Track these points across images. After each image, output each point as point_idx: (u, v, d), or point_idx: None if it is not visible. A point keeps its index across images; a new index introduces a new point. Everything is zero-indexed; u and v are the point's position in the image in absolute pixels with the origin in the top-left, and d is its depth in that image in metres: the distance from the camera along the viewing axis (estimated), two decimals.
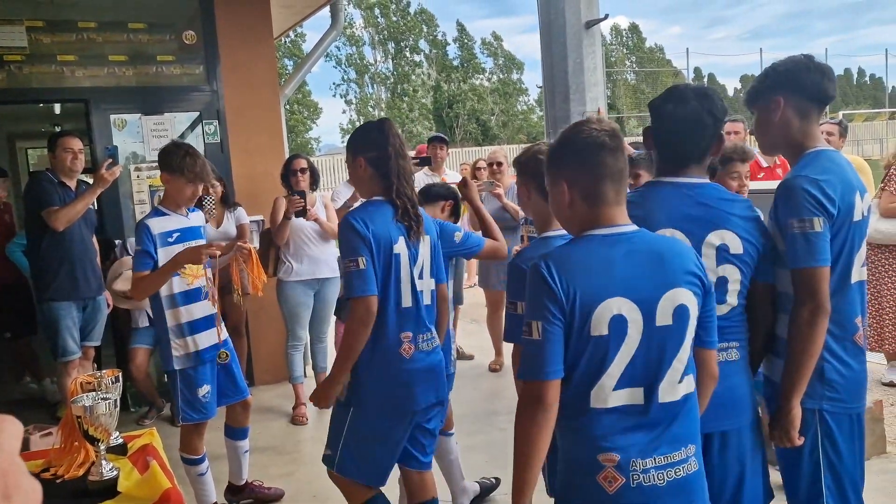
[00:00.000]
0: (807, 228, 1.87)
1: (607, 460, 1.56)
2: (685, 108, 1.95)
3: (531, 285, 1.61)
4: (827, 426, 2.00)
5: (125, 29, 5.05)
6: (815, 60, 2.05)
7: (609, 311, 1.55)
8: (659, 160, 2.05)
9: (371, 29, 43.92)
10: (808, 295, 1.88)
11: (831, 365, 1.98)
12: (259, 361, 5.48)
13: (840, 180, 1.94)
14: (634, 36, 57.56)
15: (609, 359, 1.56)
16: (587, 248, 1.62)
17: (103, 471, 2.12)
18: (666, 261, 1.61)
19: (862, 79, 69.78)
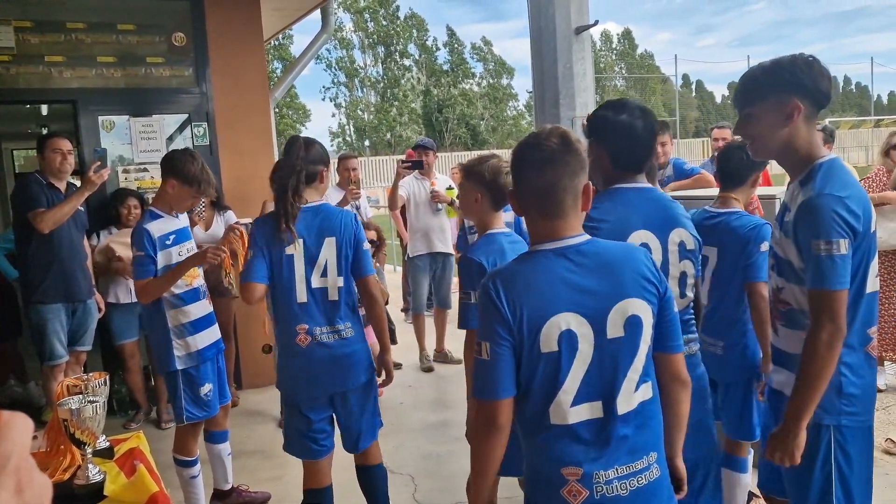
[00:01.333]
0: (833, 251, 1.80)
1: (571, 474, 1.58)
2: (635, 119, 2.07)
3: (481, 306, 1.62)
4: (842, 440, 1.95)
5: (114, 30, 5.03)
6: (820, 62, 1.91)
7: (557, 327, 1.56)
8: (613, 168, 2.10)
9: (361, 33, 43.95)
10: (829, 318, 1.82)
11: (849, 379, 1.93)
12: (247, 364, 5.46)
13: (860, 193, 1.87)
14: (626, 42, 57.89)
15: (562, 374, 1.57)
16: (534, 264, 1.62)
17: (90, 474, 2.10)
18: (615, 271, 1.61)
19: (848, 87, 70.49)
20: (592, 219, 2.02)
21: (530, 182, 1.62)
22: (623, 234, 2.02)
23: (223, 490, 3.53)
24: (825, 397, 1.89)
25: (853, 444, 1.95)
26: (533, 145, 1.63)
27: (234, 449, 3.61)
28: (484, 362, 1.58)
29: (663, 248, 2.08)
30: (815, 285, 1.84)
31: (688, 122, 47.35)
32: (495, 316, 1.57)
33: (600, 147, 2.10)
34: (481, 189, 2.49)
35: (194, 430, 3.25)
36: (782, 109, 1.89)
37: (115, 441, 2.47)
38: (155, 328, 3.15)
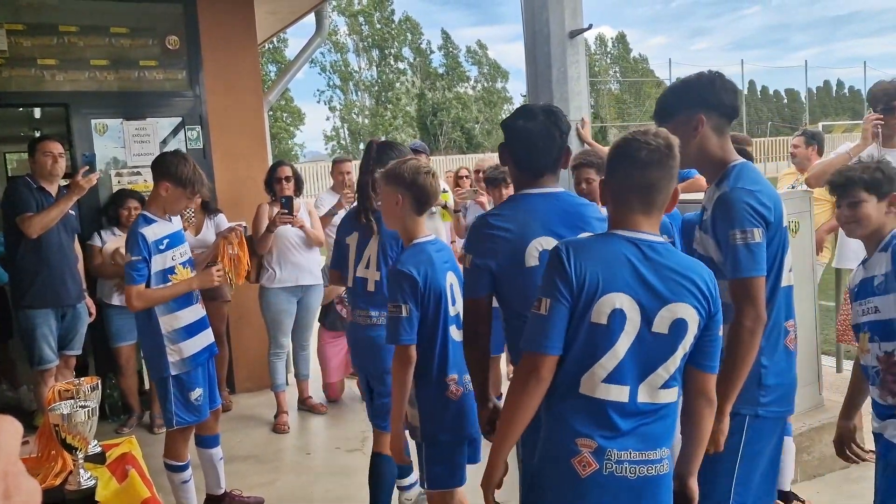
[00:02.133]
0: (748, 239, 1.92)
1: (585, 445, 1.66)
2: (536, 123, 2.13)
3: (549, 266, 1.71)
4: (754, 430, 2.03)
5: (107, 33, 5.01)
6: (724, 77, 2.10)
7: (611, 303, 1.65)
8: (517, 173, 2.19)
9: (355, 36, 43.93)
10: (750, 304, 1.92)
11: (768, 370, 2.02)
12: (240, 369, 5.44)
13: (769, 188, 2.02)
14: (620, 46, 58.05)
15: (603, 348, 1.66)
16: (606, 243, 1.73)
17: (81, 480, 2.09)
18: (678, 275, 1.69)
19: (841, 91, 70.78)
20: (492, 226, 2.11)
21: (632, 177, 1.72)
22: (524, 240, 2.08)
23: (216, 495, 3.51)
24: (744, 387, 1.97)
25: (765, 434, 2.05)
26: (641, 143, 1.71)
27: (227, 454, 3.60)
28: (542, 317, 1.66)
29: None
30: (734, 274, 1.93)
31: None
32: (561, 274, 1.66)
33: (507, 153, 2.19)
34: (402, 191, 2.44)
35: (184, 434, 3.24)
36: (689, 123, 2.06)
37: (107, 446, 2.45)
38: (148, 334, 3.13)
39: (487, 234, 2.10)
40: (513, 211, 2.13)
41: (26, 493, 0.59)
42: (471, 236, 2.17)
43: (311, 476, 3.96)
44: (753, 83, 64.09)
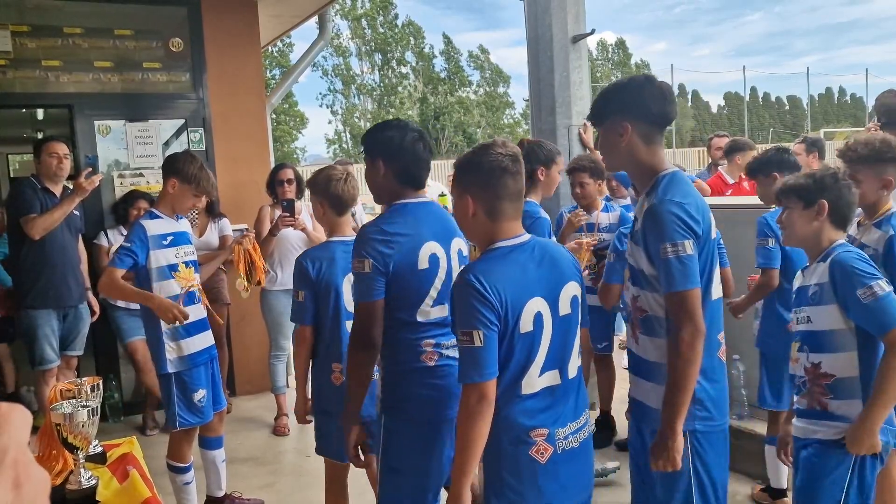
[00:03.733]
0: (680, 252, 1.89)
1: (538, 435, 1.83)
2: (418, 140, 2.27)
3: (465, 298, 1.78)
4: (698, 446, 2.00)
5: (111, 35, 5.03)
6: (656, 83, 2.04)
7: (532, 310, 1.82)
8: (397, 185, 2.25)
9: (358, 40, 44.03)
10: (687, 317, 1.90)
11: (701, 385, 1.98)
12: (241, 371, 5.44)
13: (698, 199, 1.99)
14: (620, 51, 58.13)
15: (535, 350, 1.83)
16: (502, 258, 1.85)
17: (82, 479, 2.09)
18: (557, 260, 1.91)
19: (843, 98, 70.81)
20: (386, 232, 2.18)
21: (507, 185, 1.86)
22: (417, 246, 2.19)
23: (216, 497, 3.51)
24: None
25: (709, 448, 2.01)
26: (504, 154, 1.87)
27: (227, 455, 3.60)
28: (478, 349, 1.76)
29: (447, 256, 2.26)
30: (668, 288, 1.92)
31: (683, 132, 47.53)
32: (484, 304, 1.76)
33: (384, 164, 2.24)
34: (321, 198, 2.78)
35: (188, 436, 3.25)
36: (615, 130, 2.03)
37: (108, 446, 2.46)
38: (149, 328, 3.15)
39: (384, 241, 2.16)
40: (404, 218, 2.22)
41: (36, 482, 0.60)
42: (366, 242, 2.18)
43: (310, 479, 3.95)
44: (755, 89, 64.16)
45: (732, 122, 57.30)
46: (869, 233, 2.60)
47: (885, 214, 2.58)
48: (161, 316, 3.00)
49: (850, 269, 2.08)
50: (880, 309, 2.02)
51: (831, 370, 2.16)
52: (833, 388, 2.16)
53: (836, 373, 2.16)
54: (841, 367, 2.15)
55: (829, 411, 2.16)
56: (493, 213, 1.87)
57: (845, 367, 2.14)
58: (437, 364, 2.24)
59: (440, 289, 2.23)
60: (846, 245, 2.22)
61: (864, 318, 2.07)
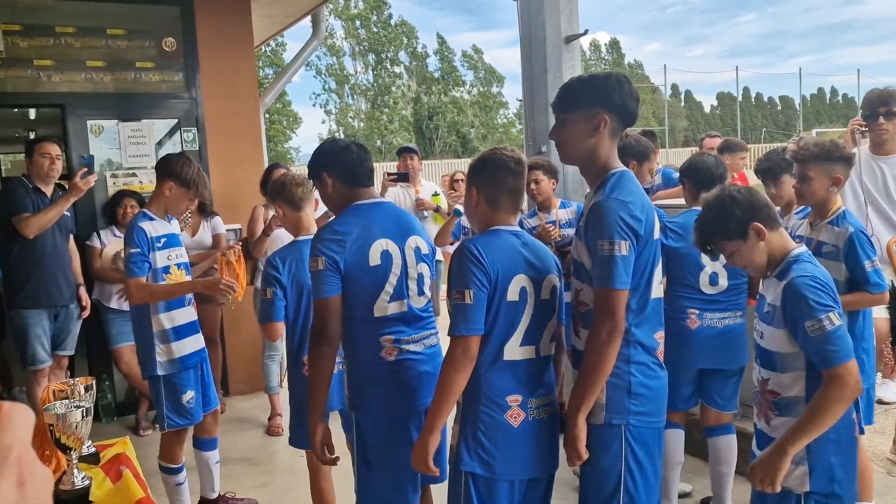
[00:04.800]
0: (615, 251, 1.91)
1: (513, 401, 2.03)
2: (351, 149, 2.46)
3: (462, 262, 2.01)
4: (632, 441, 2.02)
5: (104, 35, 5.01)
6: (631, 83, 2.05)
7: (519, 283, 2.03)
8: (346, 190, 2.42)
9: (352, 40, 43.97)
10: (609, 315, 1.93)
11: (638, 380, 2.01)
12: (234, 371, 5.43)
13: (643, 200, 2.01)
14: (614, 52, 58.23)
15: (518, 320, 2.03)
16: (499, 236, 2.08)
17: (75, 480, 2.09)
18: (543, 253, 2.13)
19: (835, 98, 71.11)
20: (337, 231, 2.31)
21: (507, 182, 2.10)
22: (367, 243, 2.30)
23: (210, 499, 3.51)
24: (615, 397, 2.00)
25: (643, 444, 2.03)
26: (508, 156, 2.12)
27: (221, 456, 3.59)
28: (467, 305, 1.97)
29: (402, 253, 2.36)
30: (598, 283, 1.97)
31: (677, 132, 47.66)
32: (479, 266, 1.99)
33: (328, 175, 2.43)
34: (279, 202, 3.02)
35: (179, 437, 3.24)
36: (590, 121, 2.02)
37: (101, 447, 2.46)
38: (140, 331, 3.14)
39: (336, 239, 2.29)
40: (355, 217, 2.36)
41: (39, 480, 0.60)
42: (319, 242, 2.31)
43: (304, 478, 3.93)
44: (748, 90, 64.42)
45: (725, 122, 57.49)
46: (825, 231, 2.74)
47: (838, 213, 2.73)
48: (214, 293, 3.18)
49: (803, 299, 1.98)
50: (826, 344, 1.93)
51: (777, 388, 2.13)
52: (777, 406, 2.12)
53: (781, 391, 2.12)
54: (787, 386, 2.10)
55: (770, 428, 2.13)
56: (493, 204, 2.11)
57: (791, 386, 2.09)
58: (398, 359, 2.33)
59: (396, 285, 2.33)
60: (803, 261, 2.08)
61: (810, 350, 1.99)
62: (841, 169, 2.70)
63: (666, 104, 39.01)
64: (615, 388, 2.00)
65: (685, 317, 3.06)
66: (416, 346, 2.37)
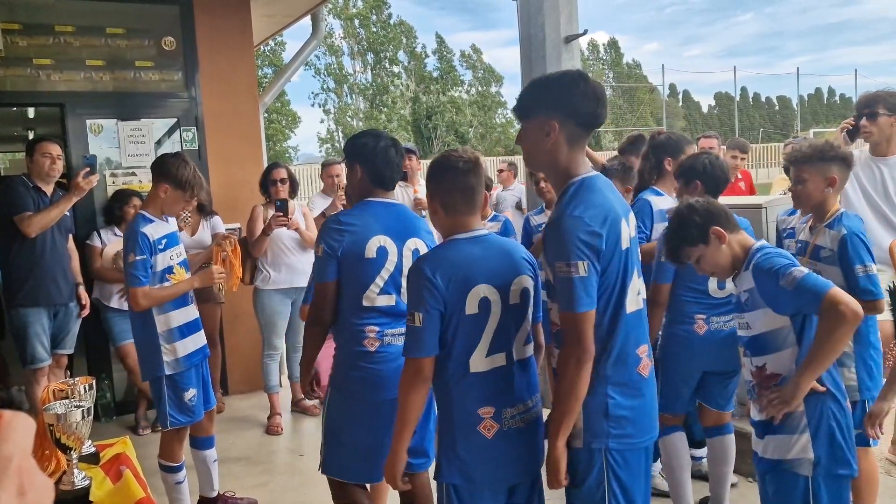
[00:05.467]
0: (572, 273, 1.82)
1: (486, 413, 1.98)
2: (391, 146, 2.57)
3: (415, 284, 1.99)
4: (613, 464, 1.94)
5: (103, 34, 5.01)
6: (589, 81, 1.93)
7: (477, 294, 1.96)
8: (369, 186, 2.57)
9: (351, 39, 43.94)
10: (575, 339, 1.86)
11: (616, 401, 1.92)
12: (233, 370, 5.43)
13: (605, 211, 1.88)
14: (612, 51, 58.24)
15: (481, 331, 1.97)
16: (454, 247, 2.03)
17: (75, 480, 2.09)
18: (511, 254, 2.06)
19: (832, 98, 71.17)
20: (341, 222, 2.51)
21: (457, 183, 2.05)
22: (366, 237, 2.47)
23: (209, 497, 3.51)
24: (592, 420, 1.92)
25: (626, 468, 1.95)
26: (457, 157, 2.09)
27: (220, 455, 3.59)
28: (417, 328, 1.96)
29: (399, 252, 2.52)
30: (561, 307, 1.88)
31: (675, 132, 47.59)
32: (429, 289, 1.95)
33: (360, 167, 2.56)
34: None
35: (179, 435, 3.24)
36: (542, 127, 1.93)
37: (101, 446, 2.46)
38: (144, 333, 3.13)
39: (337, 229, 2.49)
40: (361, 211, 2.55)
41: (40, 489, 0.60)
42: (323, 230, 2.52)
43: (304, 478, 3.95)
44: (746, 90, 64.49)
45: (723, 122, 57.52)
46: (823, 235, 2.66)
47: (836, 215, 2.65)
48: (210, 283, 3.22)
49: (768, 268, 2.12)
50: (805, 288, 2.03)
51: (777, 369, 2.17)
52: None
53: (781, 371, 2.16)
54: (785, 364, 2.15)
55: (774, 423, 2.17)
56: (448, 208, 2.07)
57: (790, 363, 2.15)
58: (378, 350, 2.50)
59: (387, 279, 2.50)
60: (764, 248, 2.23)
61: (796, 305, 2.07)
62: (837, 169, 2.62)
63: (664, 104, 39.03)
64: (591, 412, 1.92)
65: (692, 322, 2.99)
66: (398, 340, 2.47)
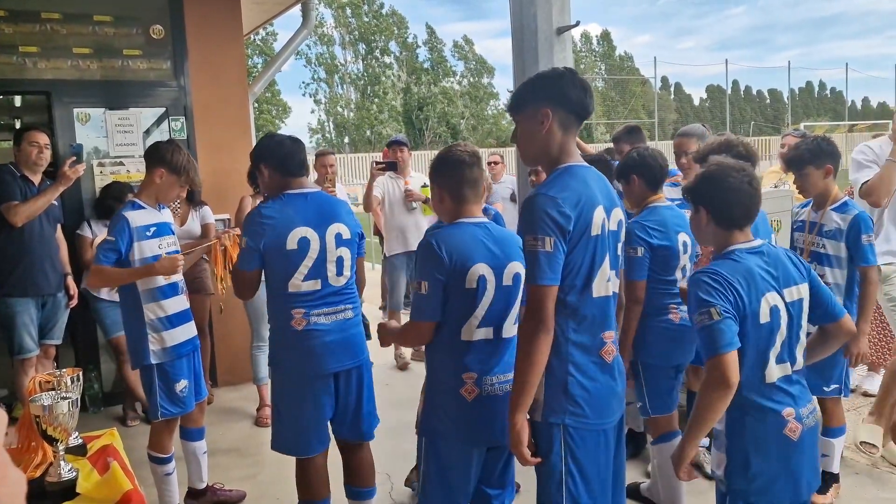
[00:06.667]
0: (538, 247, 1.90)
1: (468, 377, 2.23)
2: (277, 139, 2.85)
3: (424, 256, 2.25)
4: (570, 440, 1.99)
5: (90, 21, 4.95)
6: (576, 75, 2.07)
7: (477, 272, 2.20)
8: (280, 179, 2.79)
9: (342, 29, 43.73)
10: (533, 311, 1.92)
11: (575, 379, 1.98)
12: (222, 362, 5.42)
13: (579, 195, 1.94)
14: (605, 43, 58.20)
15: (476, 304, 2.21)
16: (461, 228, 2.28)
17: (62, 471, 2.08)
18: (507, 241, 2.29)
19: (823, 92, 71.43)
20: (263, 215, 2.69)
21: (463, 175, 2.30)
22: (286, 230, 2.66)
23: (198, 489, 3.50)
24: (551, 395, 1.99)
25: (583, 447, 2.00)
26: (462, 150, 2.36)
27: (209, 447, 3.58)
28: (423, 296, 2.23)
29: (321, 239, 2.71)
30: (526, 280, 1.98)
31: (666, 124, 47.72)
32: (436, 261, 2.20)
33: (264, 166, 2.81)
34: None
35: (169, 426, 3.23)
36: (536, 117, 2.04)
37: (88, 438, 2.44)
38: (131, 321, 3.12)
39: (258, 222, 2.68)
40: (281, 205, 2.72)
41: (12, 484, 0.59)
42: (246, 223, 2.72)
43: (293, 470, 3.94)
44: (737, 83, 64.62)
45: (714, 114, 57.65)
46: (828, 215, 3.25)
47: (840, 199, 3.26)
48: (168, 273, 3.07)
49: (693, 292, 2.02)
50: (705, 336, 1.96)
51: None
52: None
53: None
54: None
55: None
56: (457, 198, 2.32)
57: None
58: (305, 329, 2.72)
59: (311, 266, 2.70)
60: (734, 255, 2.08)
61: (697, 340, 2.04)
62: (831, 160, 3.23)
63: (655, 96, 39.04)
64: (551, 387, 1.98)
65: (668, 312, 3.09)
66: (325, 318, 2.75)
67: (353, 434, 2.94)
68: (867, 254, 3.14)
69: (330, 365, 2.75)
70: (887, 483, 3.53)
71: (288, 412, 2.83)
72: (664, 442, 3.08)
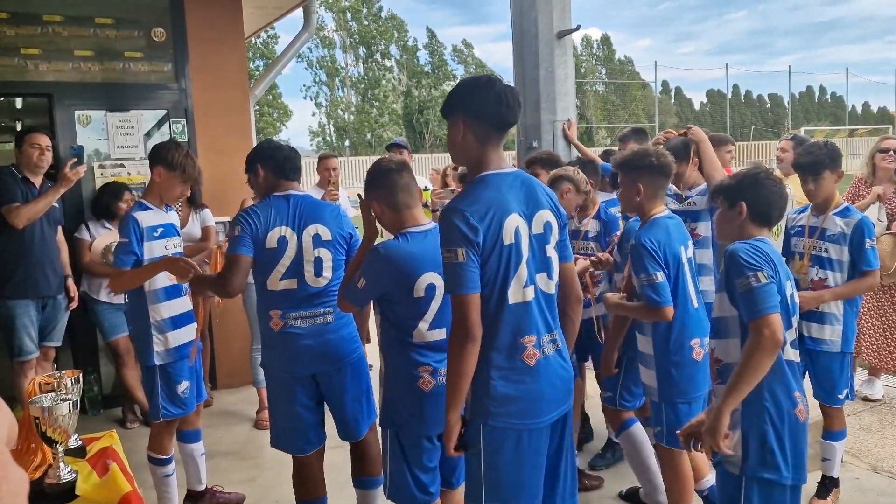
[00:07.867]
0: (452, 259, 1.97)
1: (424, 371, 2.41)
2: (276, 143, 2.99)
3: (370, 260, 2.36)
4: (490, 439, 2.05)
5: (92, 23, 4.95)
6: (497, 86, 2.04)
7: (426, 280, 2.34)
8: (273, 181, 2.88)
9: (343, 32, 43.79)
10: (458, 321, 1.98)
11: (496, 383, 2.04)
12: (222, 364, 5.41)
13: (488, 206, 2.00)
14: (605, 47, 58.26)
15: (425, 310, 2.36)
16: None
17: (61, 473, 2.08)
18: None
19: (823, 96, 71.45)
20: (249, 212, 2.79)
21: (398, 183, 2.41)
22: (267, 229, 2.75)
23: (197, 491, 3.50)
24: (476, 397, 2.07)
25: (503, 446, 2.06)
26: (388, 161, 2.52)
27: (208, 449, 3.58)
28: (359, 288, 2.35)
29: (298, 239, 2.77)
30: (448, 291, 2.04)
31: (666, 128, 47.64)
32: (379, 273, 2.31)
33: (261, 167, 2.89)
34: None
35: (169, 427, 3.23)
36: (454, 126, 2.10)
37: (88, 440, 2.44)
38: (136, 321, 3.14)
39: (248, 213, 2.79)
40: (265, 206, 2.82)
41: (14, 483, 0.59)
42: (238, 215, 2.81)
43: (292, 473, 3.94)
44: (737, 87, 64.63)
45: (715, 119, 57.69)
46: (831, 220, 3.25)
47: (842, 205, 3.27)
48: (178, 273, 2.99)
49: (736, 259, 2.14)
50: (751, 298, 2.09)
51: (720, 356, 2.28)
52: (720, 373, 2.26)
53: (722, 358, 2.27)
54: (726, 352, 2.25)
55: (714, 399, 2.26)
56: (393, 206, 2.43)
57: (730, 353, 2.23)
58: (282, 331, 2.79)
59: (288, 265, 2.76)
60: (762, 240, 2.26)
61: (740, 305, 2.14)
62: (841, 165, 3.31)
63: (656, 101, 39.08)
64: (476, 390, 2.05)
65: None
66: (302, 322, 2.79)
67: (342, 433, 2.97)
68: (870, 257, 3.19)
69: (304, 368, 2.81)
70: (887, 488, 3.53)
71: (276, 410, 2.94)
72: (626, 430, 3.20)
